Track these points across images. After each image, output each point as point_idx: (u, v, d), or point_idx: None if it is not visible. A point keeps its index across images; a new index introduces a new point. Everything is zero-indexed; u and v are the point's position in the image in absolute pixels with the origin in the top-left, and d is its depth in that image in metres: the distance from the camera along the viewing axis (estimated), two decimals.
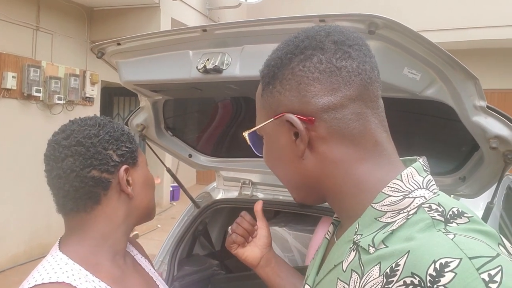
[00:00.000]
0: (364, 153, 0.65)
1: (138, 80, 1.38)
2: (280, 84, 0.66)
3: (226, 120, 1.92)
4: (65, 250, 0.84)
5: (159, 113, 1.75)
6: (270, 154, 0.72)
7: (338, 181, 0.66)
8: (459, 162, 1.45)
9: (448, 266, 0.49)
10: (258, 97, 0.72)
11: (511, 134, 1.15)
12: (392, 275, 0.53)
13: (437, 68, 1.07)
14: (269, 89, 0.68)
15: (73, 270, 0.80)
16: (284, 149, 0.68)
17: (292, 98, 0.65)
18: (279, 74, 0.66)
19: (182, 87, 1.38)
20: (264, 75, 0.69)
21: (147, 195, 0.97)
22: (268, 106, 0.69)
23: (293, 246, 1.98)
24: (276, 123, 0.68)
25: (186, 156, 1.98)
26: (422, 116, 1.47)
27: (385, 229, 0.59)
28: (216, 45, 1.19)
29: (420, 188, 0.61)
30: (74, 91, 5.65)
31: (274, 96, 0.67)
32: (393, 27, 0.96)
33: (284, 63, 0.66)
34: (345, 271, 0.61)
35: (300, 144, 0.65)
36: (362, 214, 0.63)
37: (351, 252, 0.62)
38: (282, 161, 0.70)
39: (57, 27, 5.53)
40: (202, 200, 2.13)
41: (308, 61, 0.64)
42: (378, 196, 0.62)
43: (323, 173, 0.66)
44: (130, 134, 0.95)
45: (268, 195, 1.92)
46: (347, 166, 0.65)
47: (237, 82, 1.22)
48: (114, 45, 1.33)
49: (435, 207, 0.58)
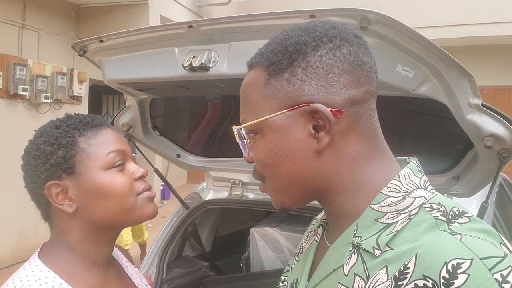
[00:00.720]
0: (373, 152, 0.63)
1: (122, 78, 1.33)
2: (303, 72, 0.61)
3: (215, 119, 1.88)
4: (42, 257, 0.83)
5: (146, 112, 1.70)
6: (273, 150, 0.64)
7: (346, 180, 0.63)
8: (452, 161, 1.43)
9: (460, 267, 0.48)
10: (256, 86, 0.65)
11: (507, 133, 1.13)
12: (402, 278, 0.52)
13: (431, 65, 1.04)
14: (283, 77, 0.62)
15: (47, 278, 0.79)
16: (297, 143, 0.62)
17: (319, 88, 0.61)
18: (302, 61, 0.61)
19: (168, 86, 1.33)
20: (274, 62, 0.63)
21: (99, 205, 0.83)
22: (281, 95, 0.62)
23: (284, 247, 1.94)
24: (290, 114, 0.62)
25: (175, 156, 1.94)
26: (415, 114, 1.45)
27: (388, 230, 0.57)
28: (203, 41, 1.14)
29: (419, 188, 0.60)
30: (61, 89, 5.57)
31: (293, 85, 0.61)
32: (386, 23, 0.93)
33: (308, 50, 0.61)
34: (347, 275, 0.59)
35: (325, 138, 0.61)
36: (361, 216, 0.61)
37: (352, 255, 0.60)
38: (291, 158, 0.63)
39: (44, 25, 5.43)
40: (191, 201, 2.09)
41: (338, 51, 0.61)
42: (377, 197, 0.61)
43: (334, 171, 0.62)
44: (65, 139, 0.83)
45: (259, 195, 1.88)
46: (358, 165, 0.62)
47: (224, 80, 1.17)
48: (97, 42, 1.28)
49: (436, 207, 0.57)
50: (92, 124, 0.87)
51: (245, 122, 0.66)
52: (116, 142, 0.87)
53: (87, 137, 0.85)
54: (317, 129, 0.61)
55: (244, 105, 0.67)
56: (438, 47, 0.99)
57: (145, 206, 0.86)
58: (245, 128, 0.66)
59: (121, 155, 0.86)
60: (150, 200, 0.88)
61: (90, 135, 0.85)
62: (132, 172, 0.87)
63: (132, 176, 0.87)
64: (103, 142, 0.85)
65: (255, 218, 2.40)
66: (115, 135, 0.89)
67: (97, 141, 0.85)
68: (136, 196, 0.86)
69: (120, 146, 0.87)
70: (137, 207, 0.86)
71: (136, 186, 0.86)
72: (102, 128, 0.88)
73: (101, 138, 0.86)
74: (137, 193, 0.86)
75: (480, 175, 1.32)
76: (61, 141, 0.83)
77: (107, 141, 0.86)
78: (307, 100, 0.61)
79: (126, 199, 0.84)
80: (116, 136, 0.89)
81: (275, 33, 0.67)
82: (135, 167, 0.88)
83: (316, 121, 0.61)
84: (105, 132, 0.87)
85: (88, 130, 0.86)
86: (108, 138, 0.87)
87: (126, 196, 0.84)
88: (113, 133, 0.89)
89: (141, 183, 0.87)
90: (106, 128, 0.89)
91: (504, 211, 2.34)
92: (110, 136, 0.88)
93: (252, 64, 0.67)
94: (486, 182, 1.35)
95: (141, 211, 0.86)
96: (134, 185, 0.86)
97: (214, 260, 2.31)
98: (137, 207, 0.85)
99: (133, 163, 0.89)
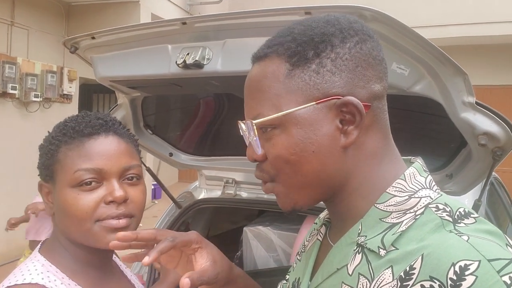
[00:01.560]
0: (387, 149, 0.63)
1: (114, 76, 1.31)
2: (333, 63, 0.59)
3: (208, 117, 1.86)
4: (43, 252, 0.83)
5: (138, 111, 1.68)
6: (298, 146, 0.59)
7: (361, 179, 0.61)
8: (446, 159, 1.43)
9: (468, 269, 0.48)
10: (276, 78, 0.60)
11: (500, 131, 1.13)
12: (407, 279, 0.52)
13: (426, 64, 1.04)
14: (310, 67, 0.59)
15: (49, 272, 0.78)
16: (325, 138, 0.59)
17: (348, 81, 0.59)
18: (330, 52, 0.59)
19: (161, 84, 1.31)
20: (298, 52, 0.59)
21: (62, 221, 0.80)
22: (308, 87, 0.59)
23: (277, 246, 1.94)
24: (318, 107, 0.59)
25: (167, 155, 1.92)
26: (408, 112, 1.45)
27: (393, 230, 0.57)
28: (197, 39, 1.13)
29: (424, 188, 0.60)
30: (51, 88, 5.51)
31: (323, 76, 0.59)
32: (382, 20, 0.92)
33: (336, 41, 0.59)
34: (352, 275, 0.58)
35: (353, 132, 0.59)
36: (365, 215, 0.60)
37: (356, 254, 0.59)
38: (317, 154, 0.59)
39: (33, 22, 5.37)
40: (184, 200, 2.08)
41: (364, 45, 0.61)
42: (382, 196, 0.60)
43: (354, 168, 0.61)
44: (49, 146, 0.81)
45: (252, 194, 1.88)
46: (375, 162, 0.62)
47: (219, 78, 1.16)
48: (88, 39, 1.26)
49: (442, 207, 0.57)
50: (82, 133, 0.80)
51: (261, 117, 0.61)
52: (96, 158, 0.78)
53: (69, 147, 0.80)
54: (343, 124, 0.59)
55: (258, 98, 0.62)
56: (434, 45, 0.99)
57: (102, 235, 0.77)
58: (262, 123, 0.61)
59: (94, 174, 0.78)
60: (110, 230, 0.78)
61: (72, 146, 0.80)
62: (104, 194, 0.78)
63: (102, 198, 0.78)
64: (80, 156, 0.78)
65: (248, 217, 2.39)
66: (102, 148, 0.80)
67: (74, 154, 0.79)
68: (94, 222, 0.77)
69: (98, 164, 0.78)
70: (93, 235, 0.78)
71: (100, 211, 0.78)
72: (92, 138, 0.80)
73: (80, 152, 0.79)
74: (97, 219, 0.78)
75: (473, 173, 1.32)
76: (47, 147, 0.83)
77: (85, 156, 0.78)
78: (337, 92, 0.59)
79: (82, 223, 0.77)
80: (103, 150, 0.80)
81: (270, 30, 0.66)
82: (111, 189, 0.78)
83: (344, 115, 0.59)
84: (92, 144, 0.80)
85: (75, 139, 0.80)
86: (88, 153, 0.79)
87: (83, 220, 0.77)
88: (101, 147, 0.80)
89: (110, 208, 0.78)
90: (98, 138, 0.81)
91: (494, 209, 2.37)
92: (93, 149, 0.79)
93: (266, 54, 0.62)
94: (479, 180, 1.35)
95: (96, 239, 0.78)
96: (98, 210, 0.78)
97: None
98: (93, 235, 0.78)
99: (115, 184, 0.79)
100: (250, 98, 0.64)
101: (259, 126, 0.62)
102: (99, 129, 0.82)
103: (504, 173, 4.85)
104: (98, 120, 0.83)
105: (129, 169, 0.82)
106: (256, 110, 0.62)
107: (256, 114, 0.62)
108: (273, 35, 0.65)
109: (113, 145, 0.81)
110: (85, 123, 0.82)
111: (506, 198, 2.93)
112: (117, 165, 0.80)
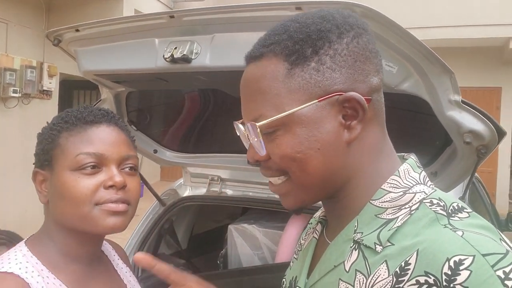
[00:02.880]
0: (385, 144, 0.64)
1: (99, 69, 1.29)
2: (332, 60, 0.59)
3: (194, 113, 1.85)
4: (29, 244, 0.83)
5: (122, 106, 1.65)
6: (303, 144, 0.59)
7: (364, 173, 0.62)
8: (431, 156, 1.45)
9: (463, 264, 0.48)
10: (275, 77, 0.59)
11: (485, 129, 1.14)
12: (403, 274, 0.52)
13: (414, 62, 1.04)
14: (309, 65, 0.59)
15: (29, 263, 0.78)
16: (329, 135, 0.59)
17: (348, 76, 0.59)
18: (328, 49, 0.59)
19: (147, 78, 1.29)
20: (296, 50, 0.59)
21: (58, 206, 0.81)
22: (310, 85, 0.59)
23: (263, 244, 1.93)
24: (320, 105, 0.59)
25: (151, 152, 1.89)
26: (393, 110, 1.46)
27: (389, 226, 0.57)
28: (184, 33, 1.11)
29: (419, 183, 0.60)
30: (30, 83, 5.38)
31: (323, 74, 0.58)
32: (372, 17, 0.93)
33: (333, 38, 0.59)
34: (349, 272, 0.58)
35: (357, 127, 0.59)
36: (361, 212, 0.61)
37: (353, 251, 0.59)
38: (323, 151, 0.59)
39: (12, 16, 5.24)
40: (168, 197, 2.05)
41: (360, 39, 0.61)
42: (377, 192, 0.60)
43: (358, 163, 0.61)
44: (50, 132, 0.83)
45: (238, 191, 1.87)
46: (375, 156, 0.62)
47: (206, 73, 1.15)
48: (72, 31, 1.23)
49: (436, 201, 0.57)
50: (84, 120, 0.83)
51: (264, 118, 0.60)
52: (98, 143, 0.81)
53: (70, 133, 0.82)
54: (345, 119, 0.60)
55: (257, 99, 0.61)
56: (422, 43, 1.00)
57: (101, 218, 0.78)
58: (264, 125, 0.60)
59: (95, 159, 0.80)
60: (109, 213, 0.79)
61: (74, 132, 0.82)
62: (104, 179, 0.80)
63: (102, 183, 0.79)
64: (82, 141, 0.81)
65: (231, 215, 2.38)
66: (105, 135, 0.82)
67: (76, 139, 0.81)
68: (93, 206, 0.78)
69: (99, 148, 0.80)
70: (92, 218, 0.78)
71: (99, 195, 0.79)
72: (95, 125, 0.83)
73: (83, 137, 0.81)
74: (96, 203, 0.79)
75: (458, 170, 1.34)
76: (47, 133, 0.83)
77: (87, 141, 0.81)
78: (338, 89, 0.59)
79: (80, 206, 0.78)
80: (105, 137, 0.82)
81: (260, 25, 0.65)
82: (110, 174, 0.80)
83: (346, 110, 0.59)
84: (94, 131, 0.82)
85: (77, 126, 0.82)
86: (90, 138, 0.81)
87: (81, 203, 0.78)
88: (103, 134, 0.82)
89: (109, 192, 0.79)
90: (100, 126, 0.83)
91: (475, 207, 2.42)
92: (96, 135, 0.82)
93: (261, 54, 0.62)
94: (463, 178, 1.37)
95: (95, 223, 0.78)
96: (97, 194, 0.79)
97: (191, 258, 2.28)
98: (92, 218, 0.78)
99: (114, 170, 0.81)
100: (249, 100, 0.63)
101: (262, 127, 0.61)
102: (101, 118, 0.85)
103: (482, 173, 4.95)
104: (100, 111, 0.86)
105: (128, 158, 0.85)
106: (257, 111, 0.61)
107: (257, 116, 0.61)
108: (266, 33, 0.64)
109: (114, 134, 0.84)
110: (87, 112, 0.85)
111: (485, 196, 3.00)
112: (118, 152, 0.83)
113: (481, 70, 8.27)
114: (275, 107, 0.59)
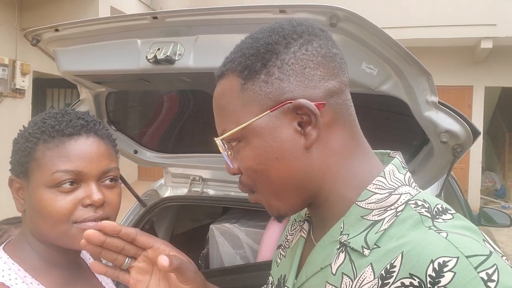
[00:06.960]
0: (356, 145, 0.64)
1: (79, 70, 1.26)
2: (279, 70, 0.60)
3: (174, 114, 1.84)
4: (8, 250, 0.81)
5: (102, 107, 1.63)
6: (261, 155, 0.62)
7: (335, 177, 0.63)
8: (409, 155, 1.48)
9: (446, 266, 0.49)
10: (232, 94, 0.63)
11: (461, 129, 1.18)
12: (388, 277, 0.53)
13: (393, 63, 1.07)
14: (259, 78, 0.61)
15: (11, 270, 0.77)
16: (286, 143, 0.61)
17: (298, 84, 0.60)
18: (276, 60, 0.61)
19: (129, 79, 1.28)
20: (247, 66, 0.62)
21: (35, 220, 0.78)
22: (261, 98, 0.61)
23: (244, 243, 1.94)
24: (273, 115, 0.61)
25: (132, 152, 1.88)
26: (371, 111, 1.49)
27: (375, 228, 0.58)
28: (168, 34, 1.11)
29: (404, 185, 0.61)
30: (2, 82, 5.25)
31: (272, 85, 0.61)
32: (354, 20, 0.94)
33: (280, 49, 0.61)
34: (335, 274, 0.59)
35: (312, 133, 0.60)
36: (347, 213, 0.61)
37: (340, 253, 0.60)
38: (281, 160, 0.61)
39: None
40: (148, 198, 2.04)
41: (310, 45, 0.62)
42: (363, 193, 0.61)
43: (324, 167, 0.62)
44: (26, 143, 0.79)
45: (219, 191, 1.87)
46: (344, 159, 0.63)
47: (190, 74, 1.15)
48: (52, 31, 1.21)
49: (421, 203, 0.58)
50: (62, 132, 0.78)
51: (225, 132, 0.63)
52: (76, 159, 0.77)
53: (48, 146, 0.78)
54: (302, 126, 0.61)
55: (221, 115, 0.65)
56: (401, 45, 1.02)
57: (79, 237, 0.73)
58: (227, 138, 0.64)
59: (73, 175, 0.77)
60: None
61: (51, 145, 0.78)
62: (82, 197, 0.77)
63: (80, 201, 0.77)
64: (59, 157, 0.77)
65: (211, 215, 2.38)
66: (83, 150, 0.79)
67: (53, 154, 0.77)
68: (71, 224, 0.76)
69: (78, 166, 0.77)
70: (70, 236, 0.76)
71: (77, 214, 0.77)
72: (73, 139, 0.79)
73: (60, 152, 0.77)
74: (74, 221, 0.77)
75: (434, 169, 1.38)
76: (23, 144, 0.80)
77: (64, 157, 0.77)
78: (288, 97, 0.60)
79: (58, 225, 0.76)
80: (83, 152, 0.78)
81: (243, 27, 0.67)
82: (89, 192, 0.78)
83: (301, 117, 0.60)
84: (72, 145, 0.78)
85: (54, 138, 0.78)
86: (68, 154, 0.77)
87: (59, 222, 0.76)
88: (82, 148, 0.78)
89: (87, 211, 0.77)
90: (78, 139, 0.79)
91: (449, 203, 2.48)
92: (74, 151, 0.78)
93: (222, 73, 0.65)
94: (439, 176, 1.41)
95: (73, 241, 0.76)
96: (75, 212, 0.76)
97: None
98: (70, 236, 0.76)
99: (93, 187, 0.78)
100: (216, 116, 0.67)
101: (226, 141, 0.65)
102: (80, 129, 0.80)
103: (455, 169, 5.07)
104: (79, 120, 0.81)
105: (108, 172, 0.82)
106: (221, 126, 0.65)
107: (222, 131, 0.65)
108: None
109: (93, 147, 0.80)
110: (65, 123, 0.80)
111: (459, 192, 3.09)
112: (97, 167, 0.80)
113: (454, 69, 8.48)
114: (234, 121, 0.63)
